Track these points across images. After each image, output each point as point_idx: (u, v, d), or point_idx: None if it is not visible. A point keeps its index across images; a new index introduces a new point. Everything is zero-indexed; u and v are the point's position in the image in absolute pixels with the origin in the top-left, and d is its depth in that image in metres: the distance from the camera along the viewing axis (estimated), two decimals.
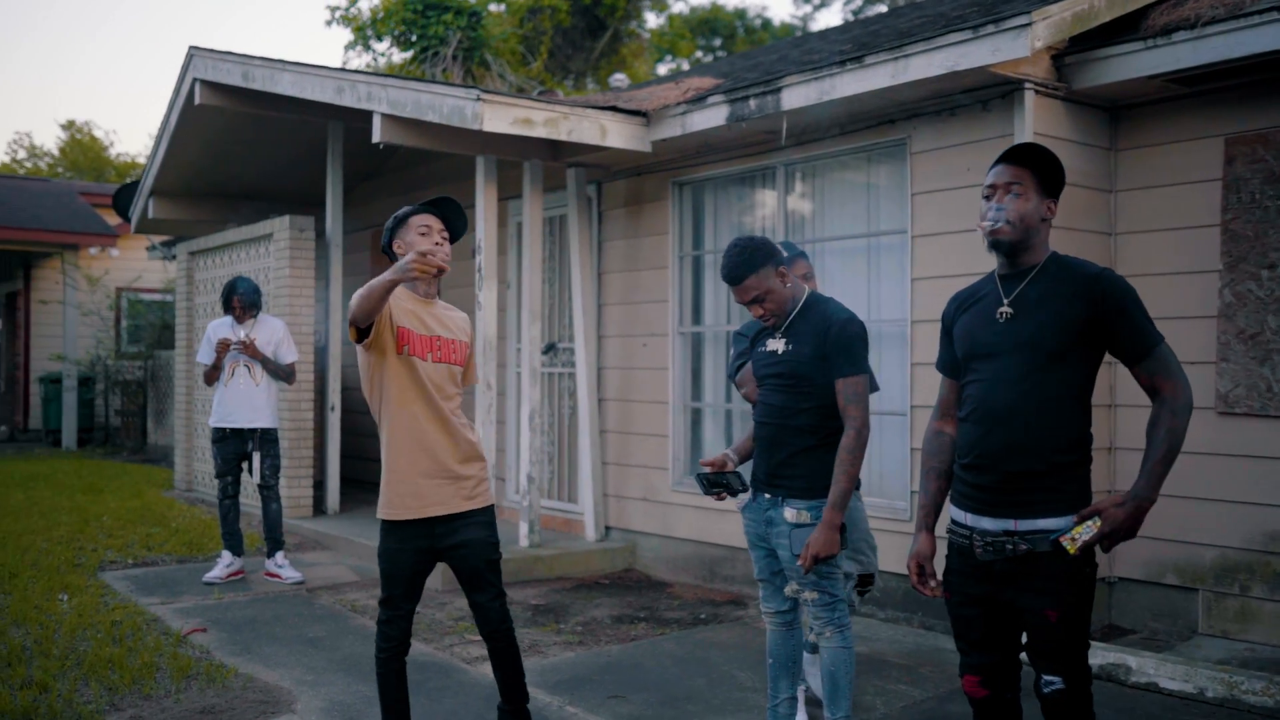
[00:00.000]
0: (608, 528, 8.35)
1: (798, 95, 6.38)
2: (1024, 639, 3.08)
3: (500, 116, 6.80)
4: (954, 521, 3.17)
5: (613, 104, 7.33)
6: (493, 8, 20.91)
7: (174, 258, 13.14)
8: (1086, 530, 2.87)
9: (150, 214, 11.18)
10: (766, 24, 30.58)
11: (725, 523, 7.38)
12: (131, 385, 16.88)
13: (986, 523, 3.03)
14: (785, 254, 4.10)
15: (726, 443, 7.87)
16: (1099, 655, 5.20)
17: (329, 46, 77.31)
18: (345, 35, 22.74)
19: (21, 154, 47.65)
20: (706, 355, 7.93)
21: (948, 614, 3.24)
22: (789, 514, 3.94)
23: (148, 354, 16.64)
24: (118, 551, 8.10)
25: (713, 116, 6.91)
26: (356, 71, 7.60)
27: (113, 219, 17.52)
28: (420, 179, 10.52)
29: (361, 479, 11.26)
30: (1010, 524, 2.99)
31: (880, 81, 5.95)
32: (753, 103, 6.63)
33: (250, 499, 8.85)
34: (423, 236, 3.95)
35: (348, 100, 7.62)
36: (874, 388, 4.55)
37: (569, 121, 7.05)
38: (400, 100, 7.18)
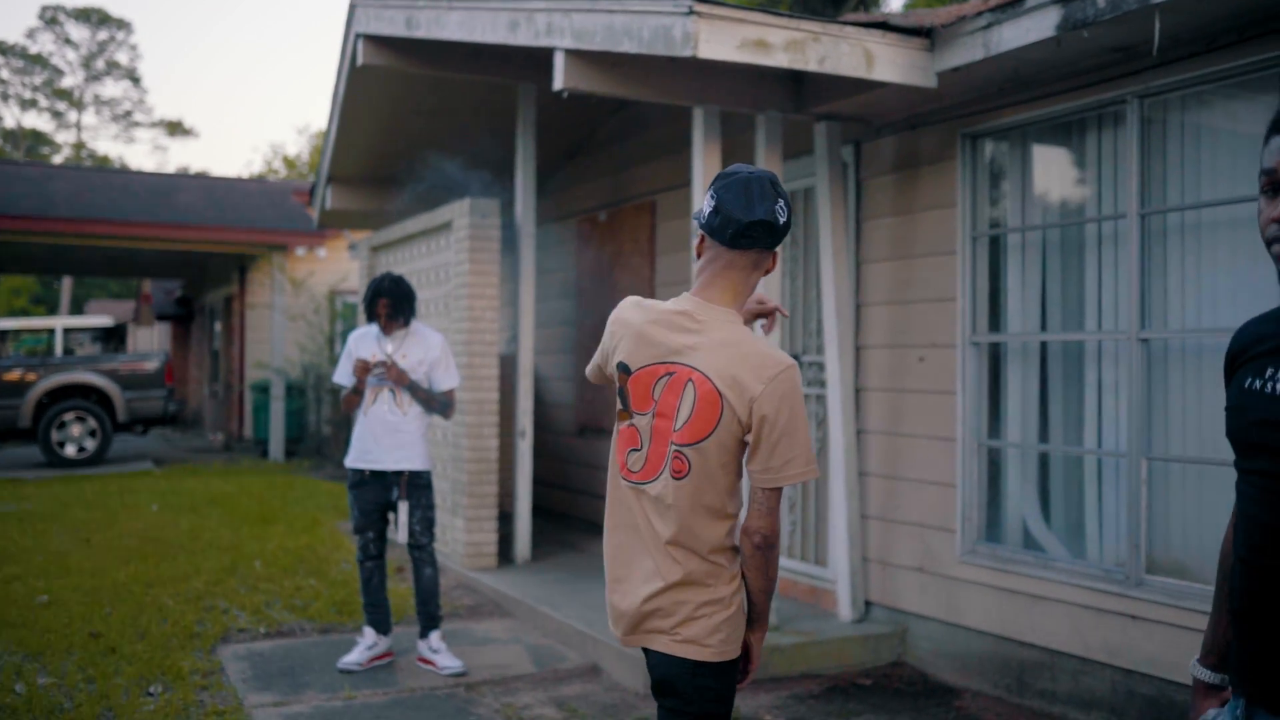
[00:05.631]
0: (868, 603, 6.22)
1: None
2: None
3: (723, 37, 4.78)
4: None
5: (882, 20, 5.19)
6: None
7: None
8: None
9: (328, 204, 9.75)
10: None
11: (1040, 613, 5.16)
12: (339, 394, 15.83)
13: None
14: None
15: (1040, 495, 5.61)
16: None
17: None
18: None
19: (277, 164, 49.20)
20: (1011, 374, 5.70)
21: None
22: None
23: None
24: (251, 615, 6.51)
25: (1034, 26, 4.68)
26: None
27: None
28: (634, 154, 8.64)
29: (563, 511, 9.50)
30: None
31: None
32: None
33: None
34: None
35: (523, 38, 5.79)
36: None
37: (820, 44, 4.97)
38: (588, 28, 5.28)
